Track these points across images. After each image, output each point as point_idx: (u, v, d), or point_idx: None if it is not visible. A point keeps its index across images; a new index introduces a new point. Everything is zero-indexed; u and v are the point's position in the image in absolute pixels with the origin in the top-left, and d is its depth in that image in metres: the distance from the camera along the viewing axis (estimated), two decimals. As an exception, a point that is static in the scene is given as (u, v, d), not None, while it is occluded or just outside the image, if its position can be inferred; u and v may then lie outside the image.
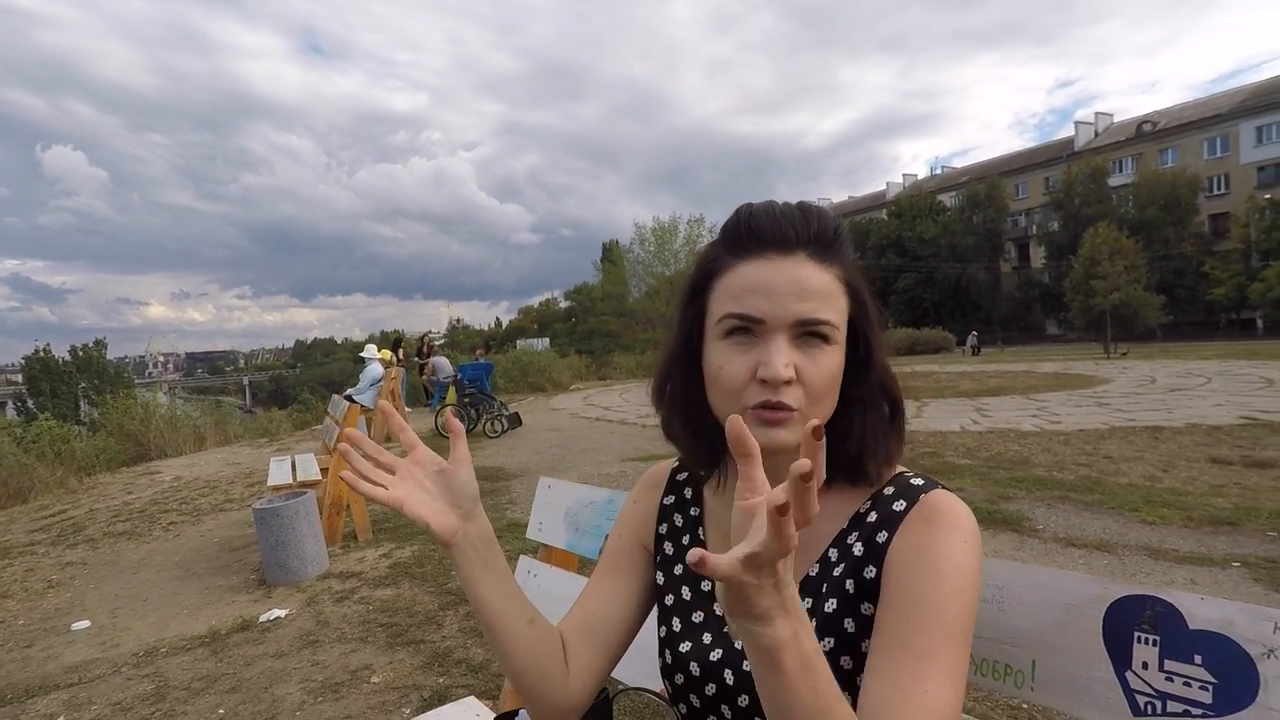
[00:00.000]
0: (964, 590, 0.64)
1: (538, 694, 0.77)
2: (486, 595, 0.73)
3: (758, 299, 0.67)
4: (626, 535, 0.91)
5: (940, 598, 0.63)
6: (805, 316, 0.66)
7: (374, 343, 11.30)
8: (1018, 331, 48.09)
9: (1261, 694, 0.70)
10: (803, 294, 0.67)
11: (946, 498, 0.70)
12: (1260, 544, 3.83)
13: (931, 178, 64.82)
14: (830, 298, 0.68)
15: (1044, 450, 6.76)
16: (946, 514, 0.68)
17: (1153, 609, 0.78)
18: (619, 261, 41.11)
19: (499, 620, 0.74)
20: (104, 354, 42.04)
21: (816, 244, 0.69)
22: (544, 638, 0.77)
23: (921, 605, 0.63)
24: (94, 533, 5.82)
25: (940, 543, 0.66)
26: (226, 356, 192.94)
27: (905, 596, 0.64)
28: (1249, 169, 41.82)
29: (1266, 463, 5.69)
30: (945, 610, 0.63)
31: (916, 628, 0.62)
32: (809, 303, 0.67)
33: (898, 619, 0.64)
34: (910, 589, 0.64)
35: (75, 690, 2.98)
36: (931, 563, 0.65)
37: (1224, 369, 14.76)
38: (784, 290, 0.67)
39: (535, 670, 0.76)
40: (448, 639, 3.20)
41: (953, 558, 0.65)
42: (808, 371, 0.67)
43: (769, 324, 0.67)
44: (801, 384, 0.67)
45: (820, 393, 0.68)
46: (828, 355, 0.68)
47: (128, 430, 10.81)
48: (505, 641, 0.74)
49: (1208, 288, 36.02)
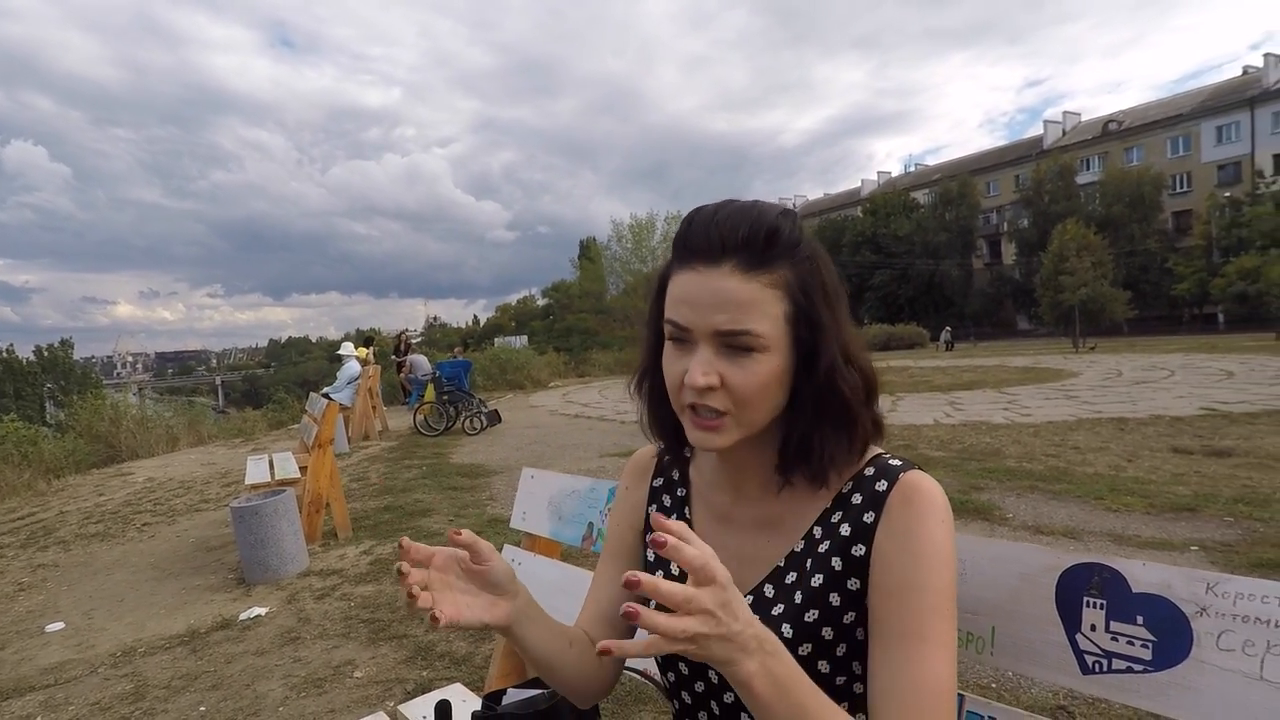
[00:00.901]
0: (945, 568, 0.70)
1: (580, 691, 0.85)
2: (537, 644, 0.78)
3: (685, 309, 0.71)
4: (624, 524, 0.96)
5: (927, 580, 0.69)
6: (723, 328, 0.69)
7: (351, 341, 11.18)
8: (990, 327, 48.91)
9: (1195, 649, 0.77)
10: (722, 305, 0.69)
11: (922, 478, 0.75)
12: (1217, 529, 3.99)
13: (905, 175, 65.56)
14: (755, 306, 0.69)
15: (1014, 442, 6.93)
16: (925, 495, 0.73)
17: (1100, 575, 0.84)
18: (596, 259, 41.10)
19: (549, 657, 0.80)
20: (70, 354, 41.10)
21: (745, 252, 0.69)
22: (581, 650, 0.84)
23: (912, 592, 0.69)
24: (65, 535, 5.72)
25: (922, 527, 0.71)
26: (198, 356, 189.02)
27: (896, 586, 0.70)
28: (1210, 167, 42.96)
29: (1225, 452, 5.90)
30: (932, 590, 0.69)
31: (910, 614, 0.68)
32: (726, 314, 0.69)
33: (891, 608, 0.70)
34: (900, 578, 0.70)
35: (52, 691, 2.95)
36: (917, 549, 0.70)
37: (1186, 362, 15.20)
38: (705, 302, 0.69)
39: (576, 676, 0.83)
40: (430, 633, 3.21)
41: (934, 539, 0.71)
42: (734, 379, 0.70)
43: (694, 333, 0.71)
44: (727, 390, 0.70)
45: (747, 399, 0.71)
46: (756, 363, 0.70)
47: (97, 431, 10.59)
48: (556, 670, 0.81)
49: (1171, 283, 36.90)
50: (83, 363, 48.02)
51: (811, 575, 0.75)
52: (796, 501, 0.79)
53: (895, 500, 0.73)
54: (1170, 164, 44.35)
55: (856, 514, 0.75)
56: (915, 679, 0.66)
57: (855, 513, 0.75)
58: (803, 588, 0.75)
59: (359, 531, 5.01)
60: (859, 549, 0.74)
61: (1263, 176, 36.76)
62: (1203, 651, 0.76)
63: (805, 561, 0.77)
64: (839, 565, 0.74)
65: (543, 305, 56.30)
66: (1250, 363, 14.15)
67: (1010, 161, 53.48)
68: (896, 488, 0.74)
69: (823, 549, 0.76)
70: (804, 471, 0.77)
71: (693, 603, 0.54)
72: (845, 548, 0.74)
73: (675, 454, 0.88)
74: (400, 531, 4.93)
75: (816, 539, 0.77)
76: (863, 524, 0.74)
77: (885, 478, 0.75)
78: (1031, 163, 49.23)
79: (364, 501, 5.99)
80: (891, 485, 0.74)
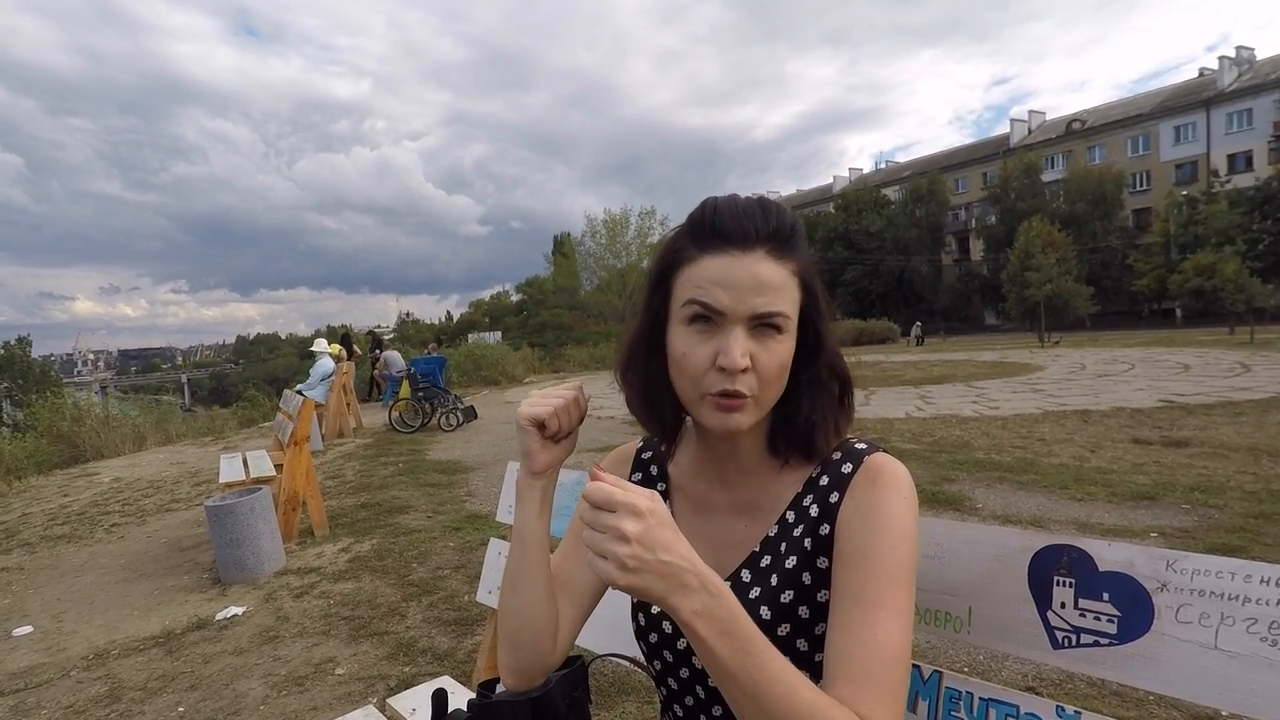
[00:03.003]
0: (905, 541, 0.73)
1: (534, 645, 0.83)
2: (539, 534, 0.81)
3: (719, 291, 0.73)
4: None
5: (885, 551, 0.72)
6: (761, 310, 0.72)
7: (323, 337, 11.02)
8: (959, 322, 49.79)
9: (1156, 622, 0.82)
10: (760, 289, 0.72)
11: (886, 459, 0.78)
12: (1175, 515, 4.14)
13: (876, 172, 66.33)
14: (784, 291, 0.74)
15: (983, 434, 7.10)
16: (888, 474, 0.77)
17: (1069, 555, 0.89)
18: (570, 254, 40.87)
19: (537, 558, 0.81)
20: (28, 352, 39.78)
21: (774, 240, 0.74)
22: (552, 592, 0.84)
23: (869, 560, 0.72)
24: (29, 537, 5.58)
25: (884, 502, 0.74)
26: (163, 353, 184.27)
27: (855, 554, 0.73)
28: (1168, 166, 44.20)
29: (1182, 442, 6.12)
30: (889, 561, 0.71)
31: (866, 580, 0.71)
32: (764, 296, 0.72)
33: (849, 575, 0.72)
34: (859, 547, 0.73)
35: (22, 695, 2.90)
36: (877, 521, 0.73)
37: (1146, 356, 15.67)
38: (743, 285, 0.72)
39: (540, 618, 0.82)
40: (411, 629, 3.22)
41: (895, 515, 0.74)
42: (761, 359, 0.73)
43: (728, 316, 0.73)
44: (755, 371, 0.74)
45: (771, 379, 0.75)
46: (779, 344, 0.74)
47: (59, 431, 10.31)
48: (533, 585, 0.82)
49: (1132, 279, 37.89)
50: (41, 361, 46.49)
51: (786, 557, 0.78)
52: (772, 487, 0.83)
53: (860, 479, 0.77)
54: (1131, 163, 45.55)
55: (823, 495, 0.79)
56: (868, 642, 0.68)
57: (822, 494, 0.79)
58: (778, 570, 0.78)
59: (336, 529, 4.97)
60: (825, 528, 0.77)
61: (1217, 176, 38.00)
62: (1163, 624, 0.82)
63: (780, 545, 0.80)
64: (809, 545, 0.78)
65: (517, 301, 55.97)
66: (1205, 356, 14.65)
67: (978, 159, 54.45)
68: (861, 468, 0.78)
69: (796, 532, 0.79)
70: (801, 451, 0.81)
71: (596, 520, 0.60)
72: (814, 528, 0.78)
73: (668, 440, 0.89)
74: (378, 529, 4.90)
75: (790, 523, 0.80)
76: (829, 504, 0.78)
77: (851, 460, 0.79)
78: (998, 160, 50.16)
79: (340, 499, 5.94)
80: (857, 467, 0.78)
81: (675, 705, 0.86)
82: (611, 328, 31.98)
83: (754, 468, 0.83)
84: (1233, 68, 42.69)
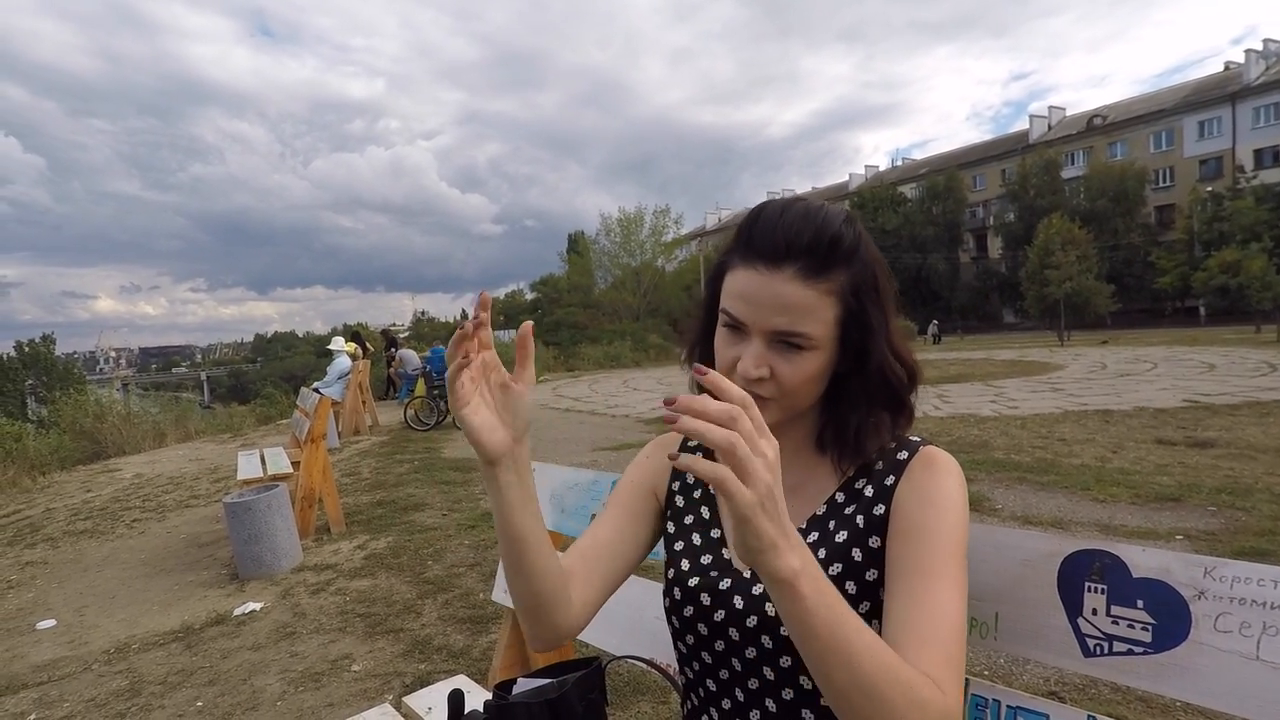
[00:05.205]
0: (959, 518, 0.75)
1: (548, 618, 0.80)
2: (517, 518, 0.75)
3: (743, 305, 0.75)
4: (640, 481, 0.97)
5: (940, 525, 0.74)
6: (780, 329, 0.74)
7: (340, 335, 11.12)
8: (976, 320, 49.31)
9: (1193, 631, 0.79)
10: (781, 309, 0.73)
11: (940, 451, 0.81)
12: (1201, 518, 4.06)
13: (892, 169, 65.78)
14: (812, 312, 0.74)
15: (1002, 434, 7.01)
16: (942, 462, 0.79)
17: (1101, 561, 0.87)
18: (585, 252, 40.93)
19: (526, 541, 0.75)
20: (52, 350, 40.52)
21: (809, 258, 0.73)
22: (557, 565, 0.80)
23: (925, 533, 0.73)
24: (53, 531, 5.67)
25: (938, 483, 0.77)
26: (182, 351, 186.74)
27: (914, 530, 0.74)
28: (1192, 162, 43.43)
29: (1207, 443, 6.01)
30: (945, 535, 0.73)
31: (923, 552, 0.72)
32: (785, 317, 0.74)
33: (909, 549, 0.74)
34: (917, 523, 0.75)
35: (45, 689, 2.94)
36: (930, 498, 0.76)
37: (1169, 355, 15.42)
38: (765, 303, 0.74)
39: (550, 593, 0.79)
40: (427, 627, 3.22)
41: (951, 495, 0.76)
42: (782, 371, 0.75)
43: (749, 328, 0.76)
44: (775, 381, 0.76)
45: (792, 390, 0.76)
46: (805, 360, 0.75)
47: (82, 427, 10.47)
48: (527, 563, 0.76)
49: (1154, 277, 37.31)
50: (65, 358, 47.32)
51: (836, 534, 0.80)
52: (820, 469, 0.85)
53: (916, 465, 0.79)
54: (1153, 159, 44.81)
55: (879, 479, 0.81)
56: (932, 610, 0.69)
57: (878, 478, 0.81)
58: (826, 545, 0.80)
59: (352, 526, 5.00)
60: (879, 508, 0.79)
61: (1243, 171, 37.28)
62: (1201, 633, 0.79)
63: (828, 523, 0.81)
64: (861, 523, 0.79)
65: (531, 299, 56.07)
66: (1231, 355, 14.39)
67: (996, 156, 53.82)
68: (917, 456, 0.80)
69: (847, 511, 0.81)
70: (845, 453, 0.82)
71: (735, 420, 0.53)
72: (869, 508, 0.80)
73: None
74: (393, 526, 4.92)
75: (840, 503, 0.82)
76: (884, 486, 0.80)
77: (906, 449, 0.81)
78: (1017, 157, 49.57)
79: (356, 496, 5.98)
80: (912, 455, 0.80)
81: (711, 708, 0.85)
82: (626, 326, 31.97)
83: (803, 453, 0.86)
84: (1259, 61, 41.81)
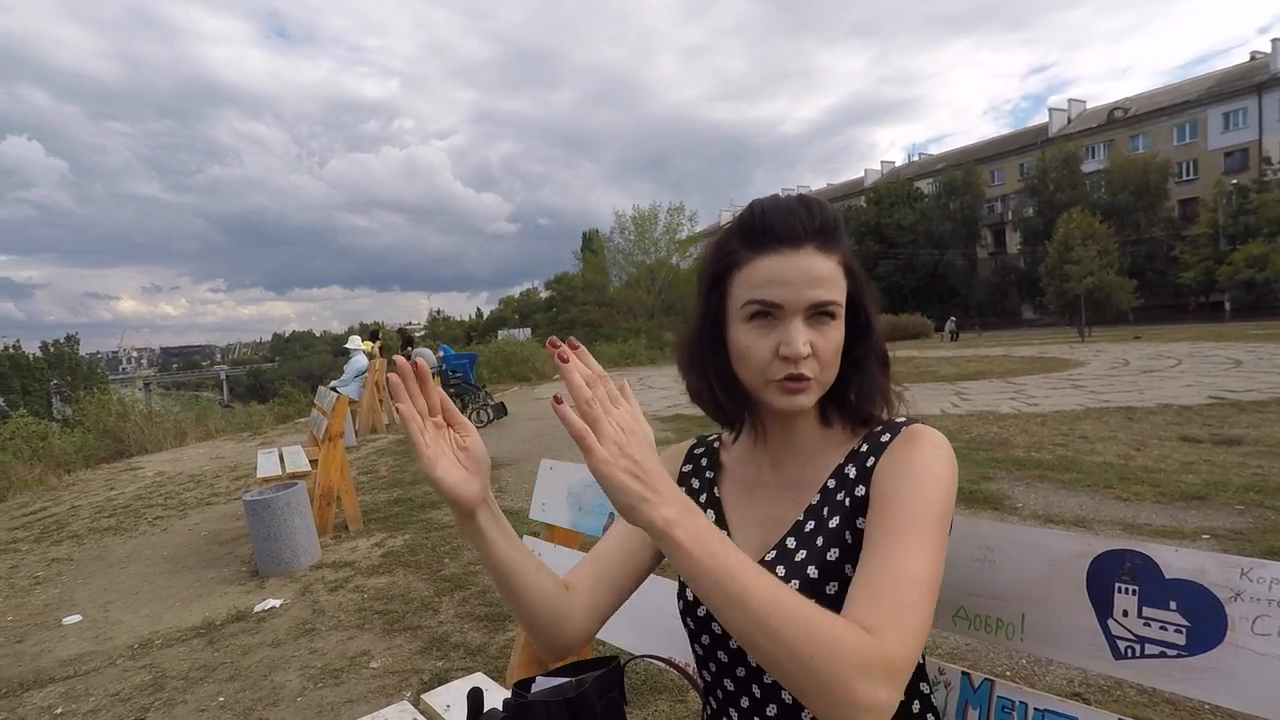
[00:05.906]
0: (935, 489, 0.75)
1: (551, 633, 0.86)
2: (504, 553, 0.80)
3: (776, 288, 0.78)
4: None
5: (914, 495, 0.74)
6: (817, 300, 0.79)
7: (357, 334, 11.21)
8: (994, 316, 48.74)
9: (1229, 634, 0.77)
10: (814, 282, 0.78)
11: (925, 427, 0.82)
12: (1228, 517, 3.98)
13: (909, 165, 65.17)
14: (835, 281, 0.80)
15: (1022, 431, 6.92)
16: (925, 435, 0.80)
17: (1132, 561, 0.84)
18: (599, 250, 40.92)
19: (516, 572, 0.81)
20: (76, 350, 41.28)
21: (821, 235, 0.80)
22: (550, 581, 0.86)
23: (896, 499, 0.75)
24: (78, 529, 5.77)
25: (917, 455, 0.78)
26: (202, 351, 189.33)
27: (883, 498, 0.76)
28: (1216, 154, 42.60)
29: (1234, 440, 5.89)
30: (915, 500, 0.74)
31: (891, 517, 0.73)
32: (819, 289, 0.78)
33: (877, 517, 0.75)
34: (887, 490, 0.76)
35: (71, 683, 2.99)
36: (906, 468, 0.77)
37: (1193, 351, 15.14)
38: (798, 280, 0.78)
39: (547, 611, 0.84)
40: (444, 624, 3.24)
41: (928, 465, 0.77)
42: (819, 345, 0.80)
43: (787, 309, 0.78)
44: (815, 356, 0.80)
45: (829, 361, 0.81)
46: (834, 329, 0.81)
47: (106, 426, 10.64)
48: (522, 591, 0.82)
49: (1177, 271, 36.72)
50: (88, 358, 48.17)
51: (829, 519, 0.82)
52: (818, 461, 0.87)
53: (897, 442, 0.81)
54: (1176, 151, 43.99)
55: (862, 461, 0.83)
56: (886, 565, 0.69)
57: (861, 460, 0.83)
58: (823, 532, 0.82)
59: (370, 524, 5.04)
60: (860, 489, 0.81)
61: (1270, 163, 36.50)
62: (1237, 636, 0.76)
63: (823, 510, 0.83)
64: (849, 504, 0.81)
65: (546, 298, 56.25)
66: (1258, 351, 14.09)
67: (1015, 150, 53.14)
68: (900, 435, 0.82)
69: (839, 496, 0.83)
70: (856, 419, 0.87)
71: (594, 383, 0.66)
72: (852, 489, 0.82)
73: (730, 425, 0.94)
74: (410, 524, 4.96)
75: (831, 489, 0.84)
76: (865, 468, 0.81)
77: (890, 430, 0.83)
78: (1036, 151, 48.90)
79: (374, 494, 6.02)
80: (895, 435, 0.82)
81: (731, 709, 0.86)
82: (641, 323, 31.96)
83: (806, 445, 0.88)
84: (1286, 50, 40.94)
